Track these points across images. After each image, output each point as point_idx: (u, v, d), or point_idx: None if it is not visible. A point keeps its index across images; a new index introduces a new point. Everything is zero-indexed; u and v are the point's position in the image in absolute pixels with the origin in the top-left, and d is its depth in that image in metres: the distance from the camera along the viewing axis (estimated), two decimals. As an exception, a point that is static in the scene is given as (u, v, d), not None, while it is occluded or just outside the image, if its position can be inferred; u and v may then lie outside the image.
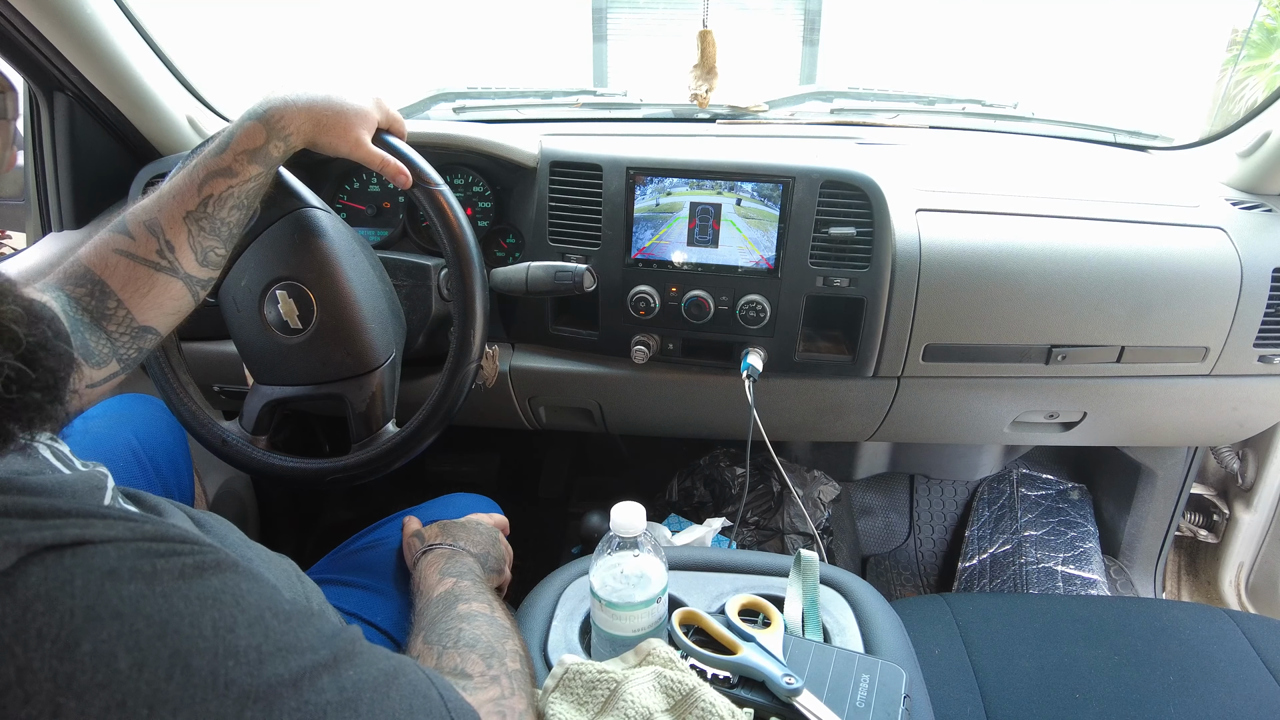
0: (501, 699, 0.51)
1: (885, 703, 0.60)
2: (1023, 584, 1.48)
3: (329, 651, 0.36)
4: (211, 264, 0.69)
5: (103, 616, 0.29)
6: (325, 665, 0.35)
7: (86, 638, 0.28)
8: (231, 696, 0.31)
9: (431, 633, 0.58)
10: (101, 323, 0.62)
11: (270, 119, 0.68)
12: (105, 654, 0.28)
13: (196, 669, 0.30)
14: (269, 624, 0.34)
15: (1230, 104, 4.01)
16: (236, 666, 0.31)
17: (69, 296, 0.62)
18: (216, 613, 0.32)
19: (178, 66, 1.10)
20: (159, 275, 0.65)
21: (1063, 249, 0.98)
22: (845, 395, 1.07)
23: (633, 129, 1.31)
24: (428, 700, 0.40)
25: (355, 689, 0.36)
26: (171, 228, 0.65)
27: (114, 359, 0.63)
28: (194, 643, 0.31)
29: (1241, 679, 0.84)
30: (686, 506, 1.45)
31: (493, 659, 0.54)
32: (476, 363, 0.82)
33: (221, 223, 0.68)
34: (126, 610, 0.29)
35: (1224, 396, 1.10)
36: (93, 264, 0.64)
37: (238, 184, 0.68)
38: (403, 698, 0.38)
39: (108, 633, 0.29)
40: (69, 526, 0.31)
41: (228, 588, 0.34)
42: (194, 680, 0.30)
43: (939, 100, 1.38)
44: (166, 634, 0.30)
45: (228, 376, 1.11)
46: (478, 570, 0.72)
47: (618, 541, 0.64)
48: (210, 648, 0.31)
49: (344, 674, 0.36)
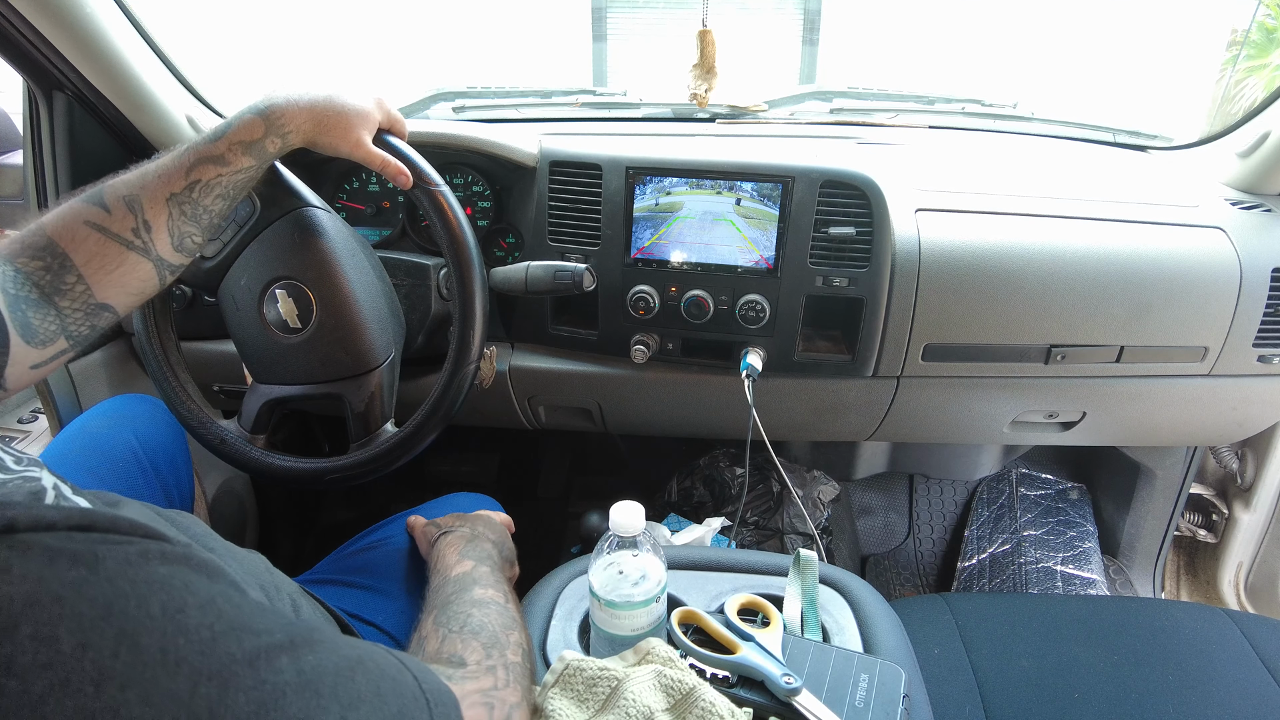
0: (493, 690, 0.50)
1: (884, 702, 0.60)
2: (1022, 584, 1.48)
3: (285, 635, 0.35)
4: (186, 250, 0.67)
5: (42, 601, 0.28)
6: (282, 647, 0.34)
7: (26, 621, 0.27)
8: (183, 673, 0.30)
9: (443, 614, 0.58)
10: (53, 298, 0.59)
11: (271, 115, 0.68)
12: (46, 636, 0.28)
13: (145, 647, 0.29)
14: (220, 607, 0.33)
15: (1230, 104, 4.01)
16: (187, 644, 0.31)
17: (17, 270, 0.58)
18: (165, 595, 0.31)
19: (177, 66, 1.10)
20: (130, 254, 0.63)
21: (1062, 249, 0.98)
22: (844, 395, 1.07)
23: (632, 129, 1.31)
24: (398, 683, 0.39)
25: (315, 672, 0.35)
26: (152, 207, 0.64)
27: (62, 336, 0.60)
28: (141, 623, 0.30)
29: (1240, 679, 0.84)
30: (686, 506, 1.45)
31: (494, 649, 0.54)
32: (476, 363, 0.82)
33: (204, 210, 0.67)
34: (68, 594, 0.29)
35: (1223, 396, 1.10)
36: (57, 234, 0.60)
37: (227, 173, 0.67)
38: (369, 680, 0.37)
39: (48, 615, 0.28)
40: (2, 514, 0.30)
41: (176, 575, 0.33)
42: (142, 658, 0.29)
43: (939, 100, 1.38)
44: (111, 614, 0.29)
45: (227, 376, 1.11)
46: (495, 557, 0.72)
47: (617, 541, 0.64)
48: (159, 627, 0.30)
49: (303, 657, 0.35)
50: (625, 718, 0.54)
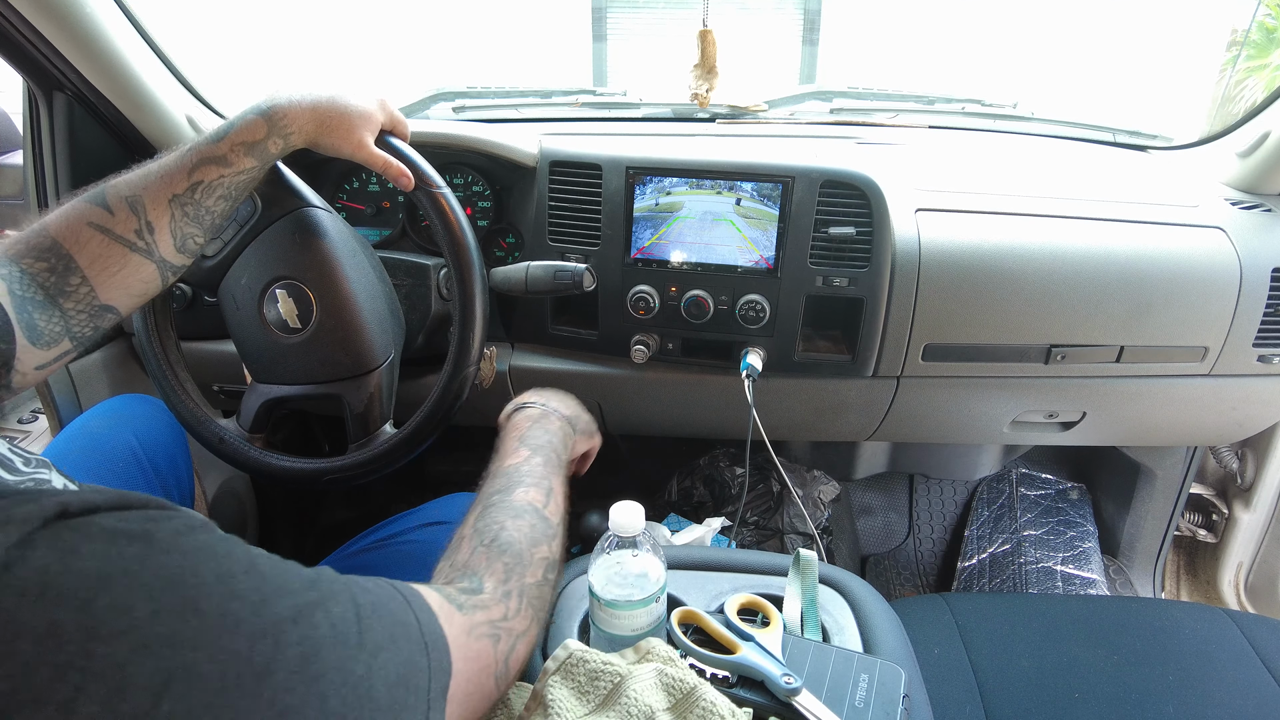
0: (502, 620, 0.51)
1: (884, 702, 0.60)
2: (1022, 584, 1.48)
3: (316, 593, 0.38)
4: (189, 251, 0.67)
5: (114, 575, 0.31)
6: (316, 603, 0.38)
7: (103, 594, 0.30)
8: (241, 633, 0.33)
9: (481, 519, 0.59)
10: (58, 299, 0.59)
11: (273, 116, 0.68)
12: (123, 606, 0.30)
13: (207, 611, 0.33)
14: (262, 569, 0.37)
15: (1230, 104, 4.01)
16: (242, 607, 0.34)
17: (23, 271, 0.58)
18: (214, 563, 0.35)
19: (177, 66, 1.10)
20: (133, 255, 0.63)
21: (1062, 249, 0.98)
22: (845, 395, 1.07)
23: (632, 129, 1.31)
24: (406, 627, 0.43)
25: (344, 623, 0.38)
26: (155, 208, 0.63)
27: (66, 337, 0.60)
28: (199, 590, 0.33)
29: (1240, 679, 0.84)
30: (686, 506, 1.45)
31: (514, 571, 0.55)
32: (476, 364, 0.82)
33: (207, 211, 0.67)
34: (134, 568, 0.32)
35: (1223, 396, 1.10)
36: (61, 236, 0.60)
37: (230, 174, 0.67)
38: (384, 627, 0.41)
39: (121, 587, 0.31)
40: (51, 500, 0.32)
41: (216, 542, 0.36)
42: (206, 621, 0.32)
43: (939, 100, 1.38)
44: (174, 584, 0.32)
45: (227, 375, 1.11)
46: (559, 439, 0.73)
47: (617, 541, 0.64)
48: (215, 593, 0.33)
49: (333, 610, 0.38)
50: (627, 716, 0.54)
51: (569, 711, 0.55)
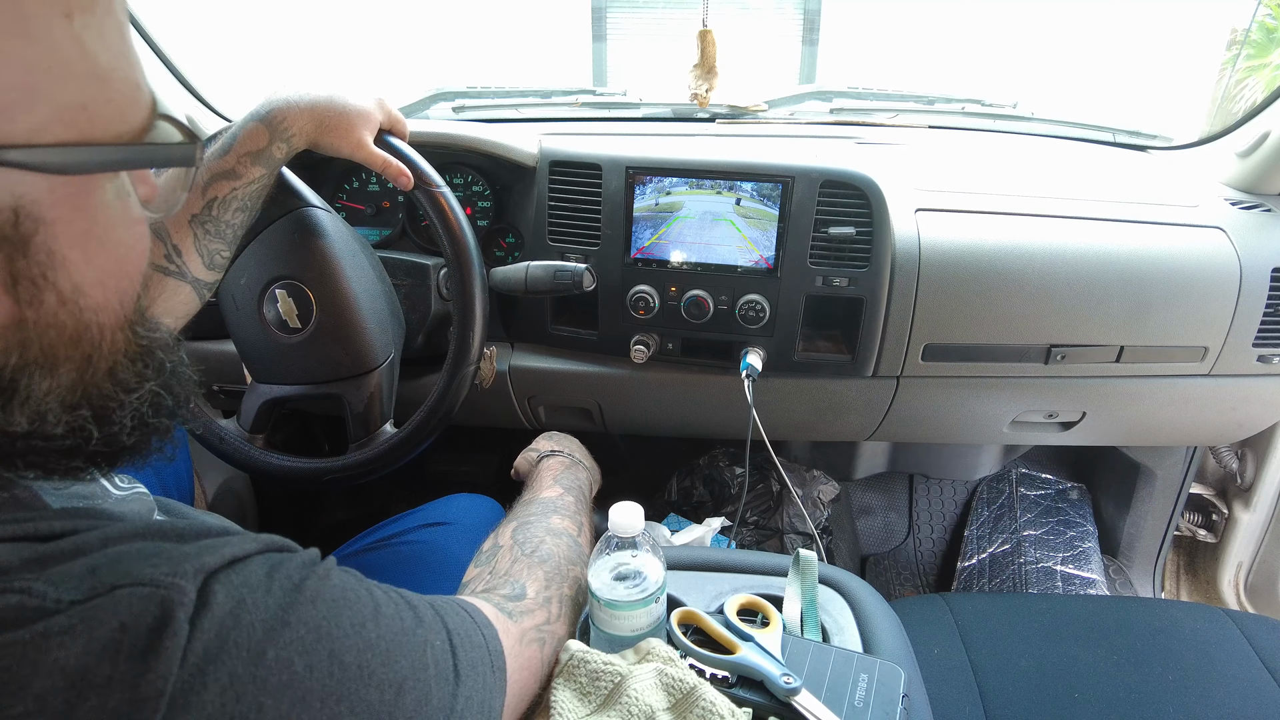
0: (546, 624, 0.54)
1: (883, 702, 0.60)
2: (1022, 584, 1.48)
3: (423, 630, 0.39)
4: (217, 266, 0.69)
5: (275, 627, 0.32)
6: (425, 643, 0.39)
7: (270, 646, 0.31)
8: (373, 684, 0.34)
9: (521, 531, 0.64)
10: None
11: (273, 120, 0.68)
12: (285, 660, 0.31)
13: (348, 664, 0.34)
14: (384, 612, 0.38)
15: (1230, 104, 4.00)
16: (374, 658, 0.35)
17: None
18: (348, 610, 0.36)
19: (178, 66, 1.10)
20: (169, 281, 0.65)
21: (1062, 249, 0.98)
22: (844, 395, 1.07)
23: (632, 128, 1.31)
24: (479, 650, 0.44)
25: (443, 656, 0.40)
26: (177, 232, 0.65)
27: None
28: (340, 640, 0.34)
29: (1240, 679, 0.84)
30: (685, 506, 1.45)
31: (554, 580, 0.59)
32: (476, 364, 0.82)
33: (226, 225, 0.68)
34: (291, 619, 0.33)
35: (1223, 396, 1.10)
36: None
37: (241, 186, 0.68)
38: (467, 655, 0.42)
39: (283, 640, 0.32)
40: (214, 548, 0.33)
41: (348, 588, 0.37)
42: (348, 674, 0.33)
43: (938, 100, 1.38)
44: (321, 637, 0.33)
45: (227, 375, 1.11)
46: (587, 486, 0.78)
47: (616, 541, 0.64)
48: (352, 644, 0.34)
49: (435, 644, 0.40)
50: (628, 716, 0.54)
51: (571, 713, 0.55)
